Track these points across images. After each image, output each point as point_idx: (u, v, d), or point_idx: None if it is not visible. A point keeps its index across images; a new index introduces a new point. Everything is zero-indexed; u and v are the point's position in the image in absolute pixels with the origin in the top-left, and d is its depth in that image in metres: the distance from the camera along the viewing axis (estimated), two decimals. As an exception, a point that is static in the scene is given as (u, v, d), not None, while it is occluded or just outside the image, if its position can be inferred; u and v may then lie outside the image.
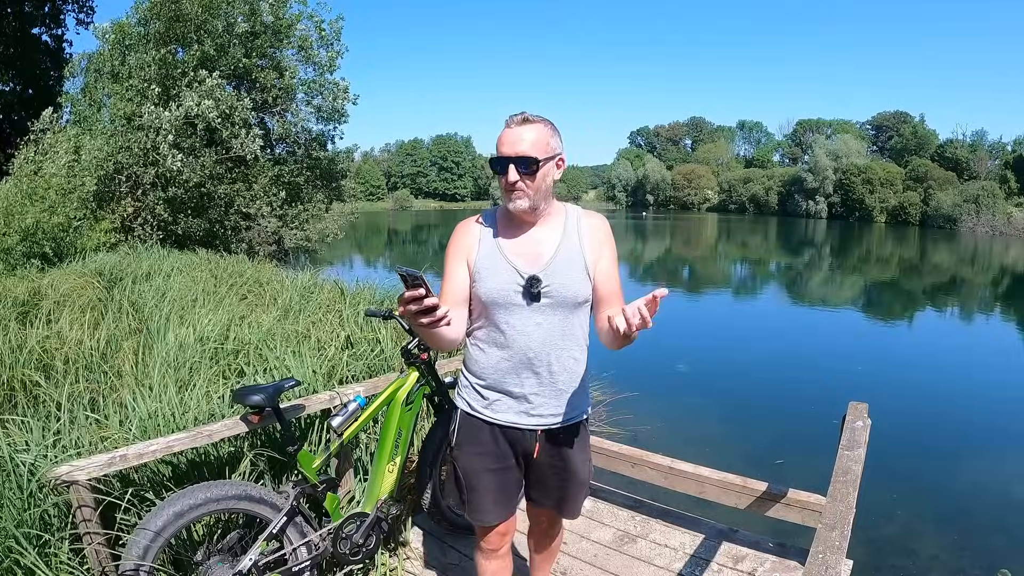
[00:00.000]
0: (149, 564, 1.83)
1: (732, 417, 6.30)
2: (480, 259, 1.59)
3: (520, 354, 1.58)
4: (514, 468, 1.70)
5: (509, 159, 1.48)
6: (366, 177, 72.54)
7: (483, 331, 1.63)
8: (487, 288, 1.56)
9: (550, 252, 1.58)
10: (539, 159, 1.49)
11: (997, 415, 6.60)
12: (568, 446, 1.68)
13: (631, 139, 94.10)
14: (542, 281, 1.54)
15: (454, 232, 1.66)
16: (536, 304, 1.56)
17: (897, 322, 12.94)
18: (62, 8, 19.23)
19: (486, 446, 1.66)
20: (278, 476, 2.63)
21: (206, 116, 10.52)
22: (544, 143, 1.50)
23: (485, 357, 1.63)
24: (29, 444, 2.27)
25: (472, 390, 1.68)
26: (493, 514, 1.71)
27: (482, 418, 1.66)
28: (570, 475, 1.70)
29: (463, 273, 1.60)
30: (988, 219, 42.68)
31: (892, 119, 68.72)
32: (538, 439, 1.64)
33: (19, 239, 7.67)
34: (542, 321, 1.57)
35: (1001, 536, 4.17)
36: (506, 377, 1.61)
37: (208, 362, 3.49)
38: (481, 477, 1.67)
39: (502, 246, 1.59)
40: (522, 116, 1.51)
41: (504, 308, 1.56)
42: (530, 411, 1.62)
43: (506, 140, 1.50)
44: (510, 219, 1.62)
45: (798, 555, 2.46)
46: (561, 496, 1.74)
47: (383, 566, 2.45)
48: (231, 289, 6.00)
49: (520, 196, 1.51)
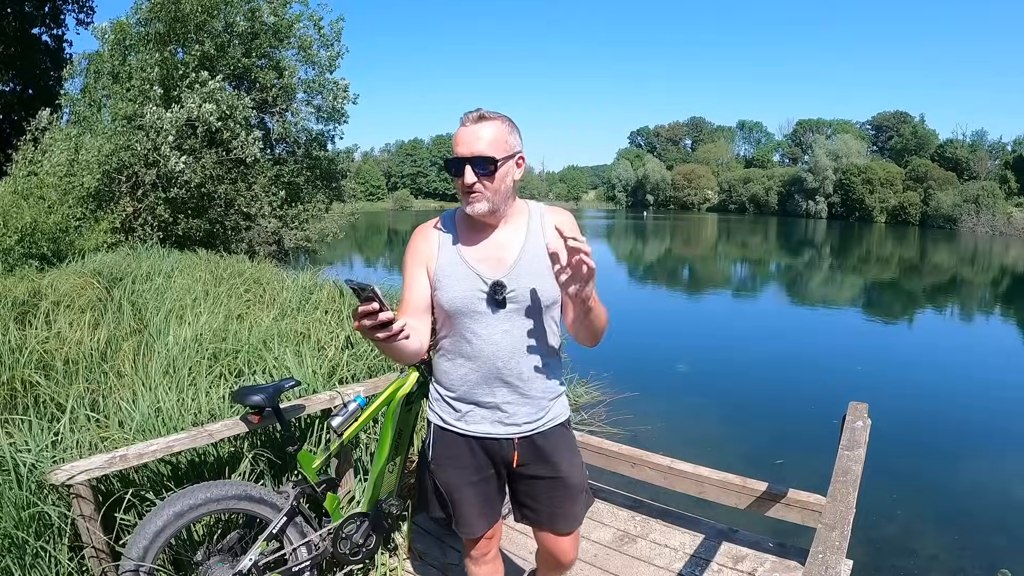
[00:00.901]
0: (149, 564, 1.83)
1: (732, 417, 6.30)
2: (440, 266, 1.51)
3: (489, 364, 1.51)
4: (494, 478, 1.64)
5: (465, 160, 1.41)
6: (366, 177, 72.57)
7: (449, 341, 1.57)
8: (449, 296, 1.49)
9: (514, 255, 1.51)
10: (497, 159, 1.41)
11: (997, 415, 6.60)
12: (551, 451, 1.60)
13: (631, 139, 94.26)
14: (507, 286, 1.47)
15: (411, 237, 1.58)
16: (502, 311, 1.48)
17: (897, 322, 12.93)
18: (62, 8, 19.23)
19: (463, 459, 1.60)
20: (278, 476, 2.63)
21: (207, 119, 10.53)
22: (502, 141, 1.42)
23: (453, 368, 1.57)
24: (29, 444, 2.28)
25: (444, 403, 1.62)
26: (479, 525, 1.66)
27: (455, 431, 1.60)
28: (559, 481, 1.62)
29: (423, 281, 1.53)
30: (988, 219, 42.68)
31: (892, 119, 68.74)
32: (516, 447, 1.58)
33: (17, 239, 7.66)
34: (509, 328, 1.50)
35: (1001, 536, 4.17)
36: (476, 388, 1.55)
37: (208, 362, 3.49)
38: (463, 491, 1.62)
39: (463, 252, 1.51)
40: (478, 113, 1.43)
41: (468, 317, 1.50)
42: (504, 420, 1.56)
43: (461, 139, 1.41)
44: (470, 222, 1.53)
45: (798, 555, 2.46)
46: (552, 510, 1.65)
47: (383, 566, 2.45)
48: (231, 289, 6.00)
49: (478, 199, 1.43)
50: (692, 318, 12.71)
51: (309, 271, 7.24)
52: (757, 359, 8.80)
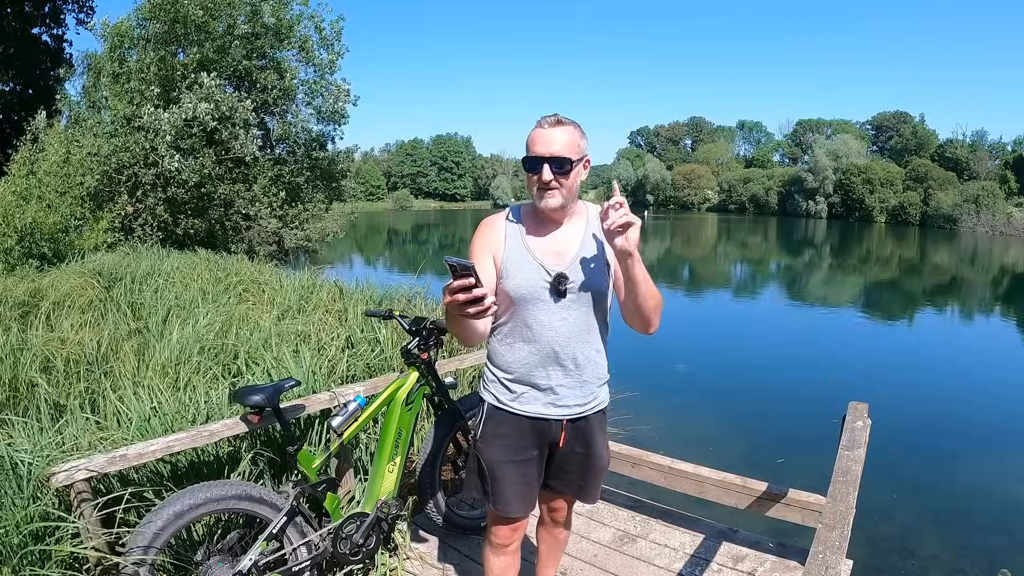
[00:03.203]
0: (149, 564, 1.83)
1: (732, 417, 6.30)
2: (508, 256, 1.64)
3: (547, 348, 1.64)
4: (536, 460, 1.74)
5: (544, 159, 1.53)
6: (366, 177, 72.44)
7: (509, 326, 1.67)
8: (515, 284, 1.61)
9: (574, 250, 1.64)
10: (572, 159, 1.55)
11: (997, 415, 6.61)
12: (591, 433, 1.75)
13: (631, 139, 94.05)
14: (569, 278, 1.60)
15: (479, 228, 1.71)
16: (562, 300, 1.61)
17: (897, 322, 12.94)
18: (62, 8, 19.22)
19: (511, 438, 1.71)
20: (278, 476, 2.63)
21: (202, 119, 10.52)
22: (576, 144, 1.56)
23: (512, 352, 1.68)
24: (29, 444, 2.27)
25: (499, 384, 1.72)
26: (516, 505, 1.74)
27: (509, 410, 1.70)
28: (592, 460, 1.78)
29: (490, 268, 1.63)
30: (988, 219, 42.66)
31: (892, 119, 68.69)
32: (564, 428, 1.70)
33: (17, 239, 7.66)
34: (567, 316, 1.63)
35: (1001, 536, 4.17)
36: (534, 371, 1.66)
37: (208, 362, 3.49)
38: (505, 468, 1.72)
39: (529, 243, 1.64)
40: (555, 118, 1.57)
41: (532, 304, 1.62)
42: (556, 402, 1.68)
43: (540, 140, 1.55)
44: (536, 217, 1.66)
45: (798, 555, 2.46)
46: (581, 483, 1.81)
47: (383, 566, 2.45)
48: (231, 289, 6.00)
49: (553, 195, 1.57)
50: (692, 318, 12.71)
51: (309, 271, 7.24)
52: (757, 359, 8.80)
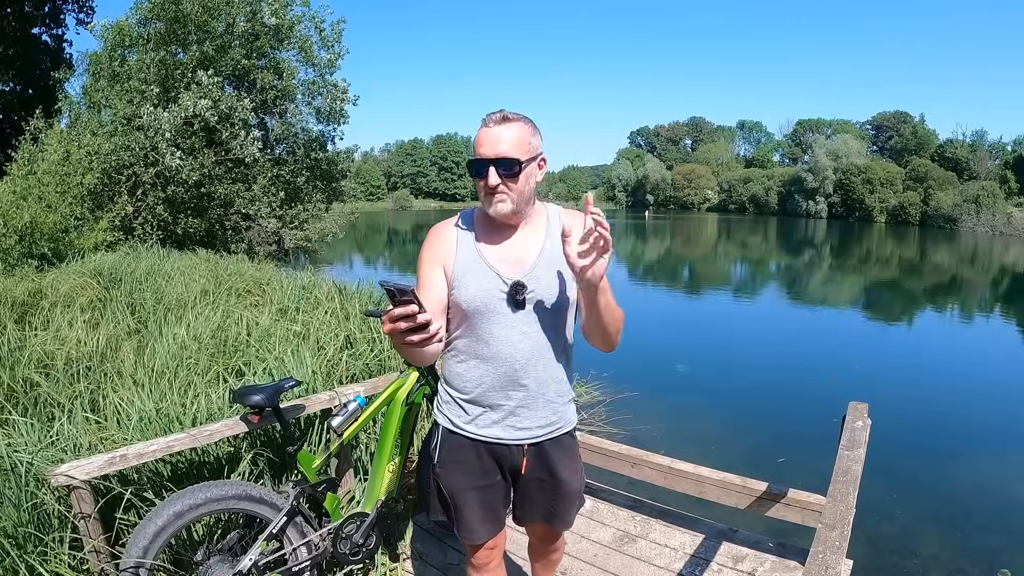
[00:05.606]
0: (149, 564, 1.83)
1: (732, 417, 6.29)
2: (458, 265, 1.48)
3: (506, 366, 1.49)
4: (500, 484, 1.61)
5: (489, 161, 1.38)
6: (366, 177, 72.47)
7: (463, 342, 1.52)
8: (468, 296, 1.46)
9: (533, 256, 1.49)
10: (521, 160, 1.39)
11: (997, 415, 6.60)
12: (556, 459, 1.59)
13: (631, 139, 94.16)
14: (527, 287, 1.45)
15: (428, 236, 1.55)
16: (521, 312, 1.46)
17: (897, 322, 12.93)
18: (62, 8, 19.23)
19: (470, 464, 1.57)
20: (278, 476, 2.63)
21: (203, 115, 10.52)
22: (526, 143, 1.41)
23: (467, 370, 1.53)
24: (29, 444, 2.28)
25: (455, 404, 1.58)
26: (481, 532, 1.61)
27: (465, 434, 1.56)
28: (558, 489, 1.61)
29: (440, 280, 1.49)
30: (988, 219, 42.63)
31: (892, 119, 68.70)
32: (525, 453, 1.56)
33: (17, 239, 7.66)
34: (528, 331, 1.48)
35: (1001, 536, 4.17)
36: (491, 391, 1.51)
37: (207, 362, 3.49)
38: (467, 495, 1.58)
39: (482, 251, 1.49)
40: (501, 114, 1.41)
41: (487, 317, 1.47)
42: (516, 425, 1.53)
43: (485, 140, 1.39)
44: (489, 222, 1.51)
45: (798, 555, 2.46)
46: (550, 510, 1.65)
47: (383, 566, 2.45)
48: (231, 289, 6.00)
49: (502, 200, 1.42)
50: (692, 318, 12.71)
51: (309, 271, 7.23)
52: (757, 359, 8.80)
